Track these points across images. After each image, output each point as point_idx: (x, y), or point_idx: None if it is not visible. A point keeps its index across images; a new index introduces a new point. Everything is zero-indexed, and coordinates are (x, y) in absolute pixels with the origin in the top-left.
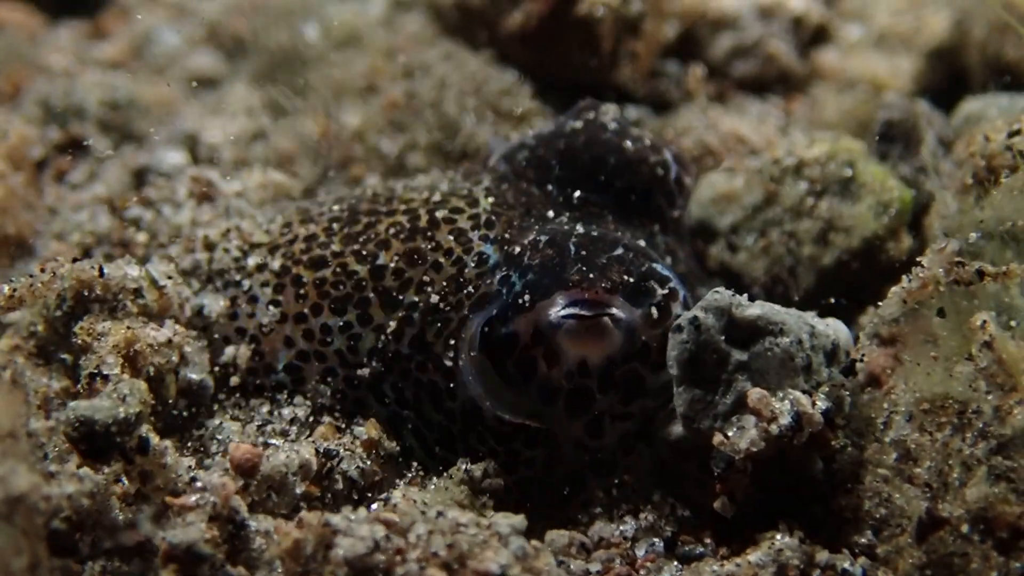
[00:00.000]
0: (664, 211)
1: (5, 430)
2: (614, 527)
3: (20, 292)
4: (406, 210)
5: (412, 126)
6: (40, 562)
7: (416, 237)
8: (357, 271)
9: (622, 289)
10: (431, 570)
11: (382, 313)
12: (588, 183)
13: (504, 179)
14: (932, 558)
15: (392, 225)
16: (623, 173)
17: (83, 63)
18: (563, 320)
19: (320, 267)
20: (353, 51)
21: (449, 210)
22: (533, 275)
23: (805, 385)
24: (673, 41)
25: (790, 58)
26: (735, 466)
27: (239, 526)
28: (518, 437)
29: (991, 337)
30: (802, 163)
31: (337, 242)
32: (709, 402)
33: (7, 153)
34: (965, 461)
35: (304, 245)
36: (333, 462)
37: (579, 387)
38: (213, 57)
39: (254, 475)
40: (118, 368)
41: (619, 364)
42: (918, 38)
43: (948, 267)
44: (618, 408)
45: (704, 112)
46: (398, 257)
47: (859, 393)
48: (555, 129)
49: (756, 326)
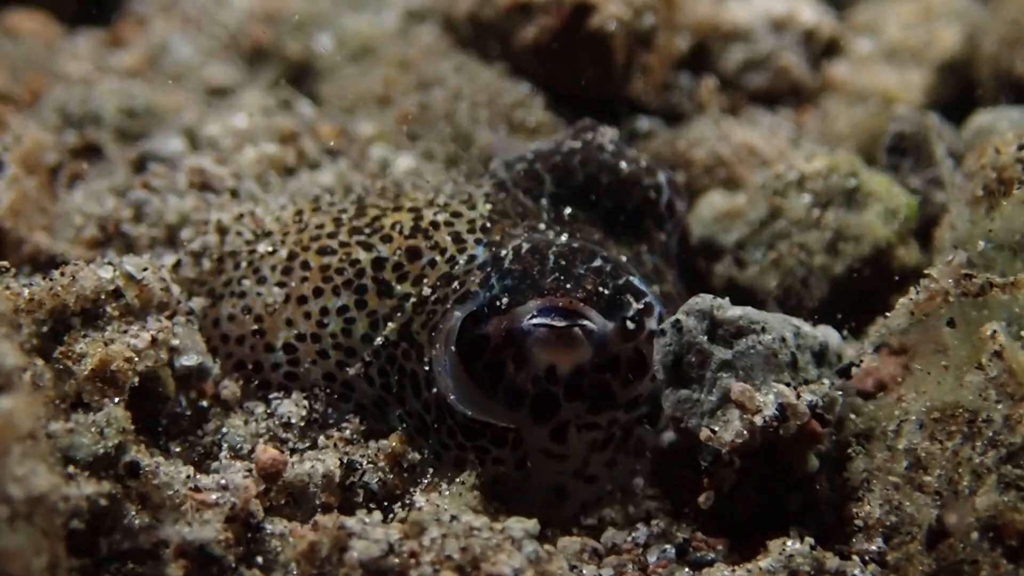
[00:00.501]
0: (652, 233)
1: (25, 431)
2: (626, 534)
3: (39, 295)
4: (411, 208)
5: (426, 137)
6: (59, 562)
7: (417, 235)
8: (360, 260)
9: (596, 300)
10: (445, 573)
11: (378, 300)
12: (580, 200)
13: (502, 187)
14: (942, 566)
15: (397, 222)
16: (615, 193)
17: (100, 71)
18: (535, 327)
19: (326, 255)
20: (367, 63)
21: (450, 213)
22: (511, 280)
23: (792, 381)
24: (685, 54)
25: (801, 71)
26: (721, 459)
27: (255, 529)
28: (485, 435)
29: (1001, 347)
30: (804, 177)
31: (344, 232)
32: (695, 401)
33: (21, 157)
34: (975, 469)
35: (314, 233)
36: (356, 475)
37: (545, 393)
38: (229, 67)
39: (276, 481)
40: (96, 395)
41: (587, 374)
42: (929, 52)
43: (957, 279)
44: (585, 418)
45: (716, 124)
46: (399, 252)
47: (853, 395)
48: (553, 146)
49: (739, 325)
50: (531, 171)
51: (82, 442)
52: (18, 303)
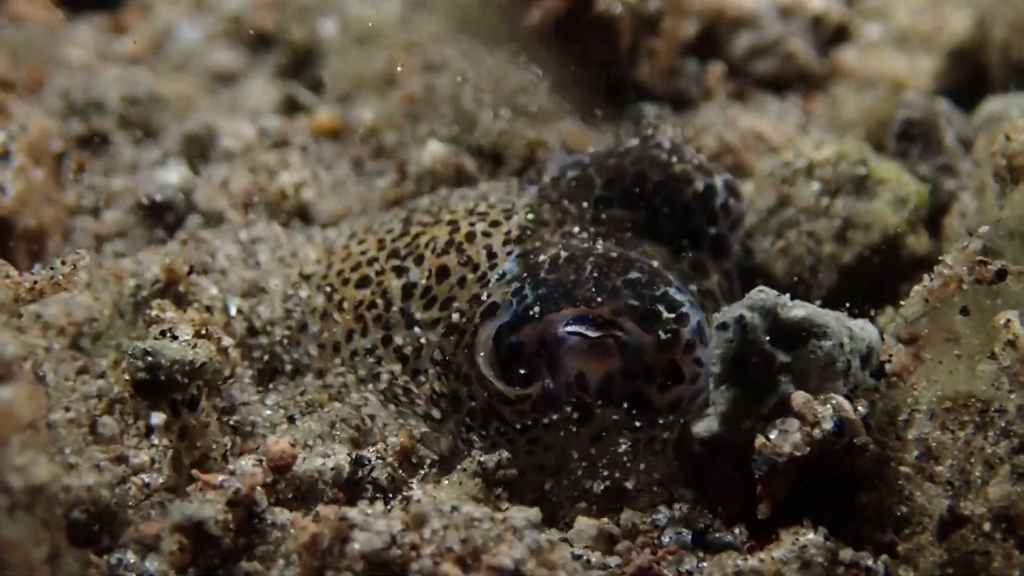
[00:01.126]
0: (702, 230)
1: (26, 421)
2: (647, 516)
3: (41, 284)
4: (449, 220)
5: (430, 120)
6: (60, 552)
7: (450, 251)
8: (390, 289)
9: (631, 312)
10: (446, 565)
11: (405, 332)
12: (626, 200)
13: (547, 194)
14: (953, 556)
15: (432, 238)
16: (664, 190)
17: (103, 58)
18: (568, 335)
19: (362, 287)
20: (372, 47)
21: (489, 223)
22: (545, 289)
23: (844, 389)
24: (692, 39)
25: (809, 57)
26: (777, 469)
27: (257, 517)
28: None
29: (1015, 336)
30: (813, 164)
31: (384, 257)
32: (752, 402)
33: (27, 147)
34: (987, 460)
35: (355, 261)
36: (364, 470)
37: (579, 400)
38: (233, 53)
39: (285, 473)
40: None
41: (620, 384)
42: (939, 37)
43: (971, 266)
44: (622, 423)
45: (723, 110)
46: (430, 273)
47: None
48: (611, 147)
49: (800, 327)
50: (583, 176)
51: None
52: (19, 292)
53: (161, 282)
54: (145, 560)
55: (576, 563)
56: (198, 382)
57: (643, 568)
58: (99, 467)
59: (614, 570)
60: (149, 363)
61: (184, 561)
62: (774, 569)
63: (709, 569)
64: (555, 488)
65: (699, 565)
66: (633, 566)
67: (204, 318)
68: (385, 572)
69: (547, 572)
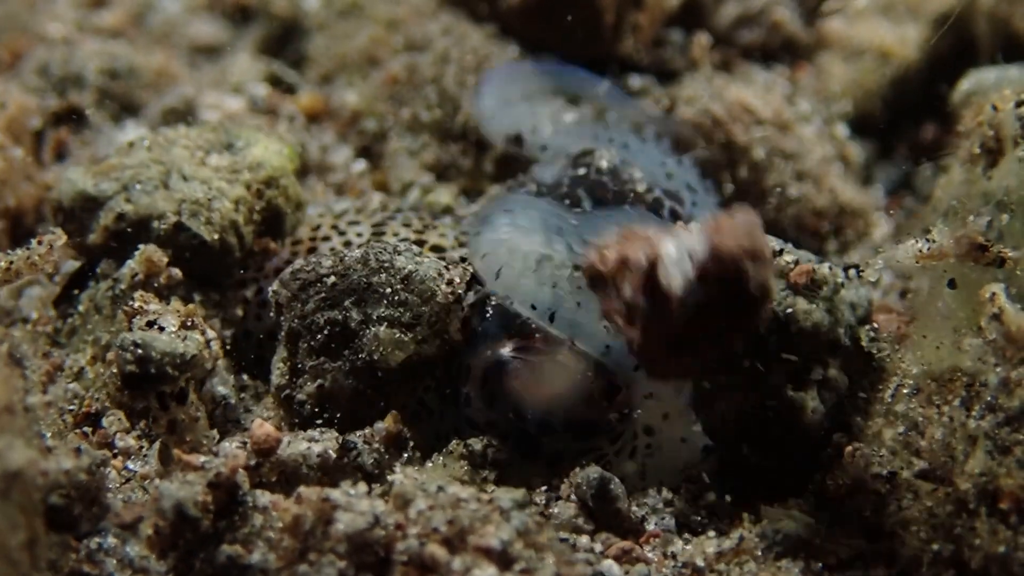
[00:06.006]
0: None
1: (1, 404)
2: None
3: (17, 264)
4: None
5: (412, 101)
6: (38, 538)
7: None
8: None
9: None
10: (431, 546)
11: None
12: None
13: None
14: (939, 532)
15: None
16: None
17: (82, 31)
18: (511, 359)
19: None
20: (354, 21)
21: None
22: (497, 319)
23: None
24: (677, 9)
25: (796, 26)
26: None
27: (237, 501)
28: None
29: (1000, 309)
30: None
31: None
32: None
33: (6, 124)
34: (971, 434)
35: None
36: (350, 455)
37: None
38: (215, 25)
39: (269, 457)
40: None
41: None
42: (926, 5)
43: (971, 246)
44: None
45: (709, 81)
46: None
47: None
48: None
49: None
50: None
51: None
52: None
53: (139, 275)
54: (126, 545)
55: (564, 545)
56: (187, 374)
57: (626, 550)
58: (78, 451)
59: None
60: (139, 355)
61: (163, 544)
62: (751, 546)
63: (691, 551)
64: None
65: (683, 548)
66: (616, 548)
67: (189, 309)
68: (369, 553)
69: (534, 553)
